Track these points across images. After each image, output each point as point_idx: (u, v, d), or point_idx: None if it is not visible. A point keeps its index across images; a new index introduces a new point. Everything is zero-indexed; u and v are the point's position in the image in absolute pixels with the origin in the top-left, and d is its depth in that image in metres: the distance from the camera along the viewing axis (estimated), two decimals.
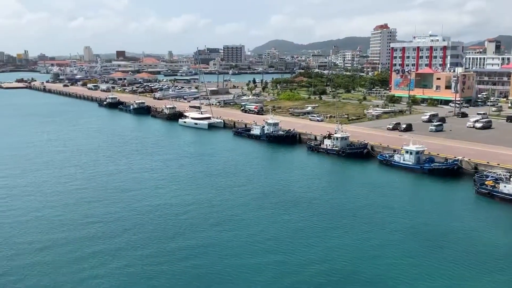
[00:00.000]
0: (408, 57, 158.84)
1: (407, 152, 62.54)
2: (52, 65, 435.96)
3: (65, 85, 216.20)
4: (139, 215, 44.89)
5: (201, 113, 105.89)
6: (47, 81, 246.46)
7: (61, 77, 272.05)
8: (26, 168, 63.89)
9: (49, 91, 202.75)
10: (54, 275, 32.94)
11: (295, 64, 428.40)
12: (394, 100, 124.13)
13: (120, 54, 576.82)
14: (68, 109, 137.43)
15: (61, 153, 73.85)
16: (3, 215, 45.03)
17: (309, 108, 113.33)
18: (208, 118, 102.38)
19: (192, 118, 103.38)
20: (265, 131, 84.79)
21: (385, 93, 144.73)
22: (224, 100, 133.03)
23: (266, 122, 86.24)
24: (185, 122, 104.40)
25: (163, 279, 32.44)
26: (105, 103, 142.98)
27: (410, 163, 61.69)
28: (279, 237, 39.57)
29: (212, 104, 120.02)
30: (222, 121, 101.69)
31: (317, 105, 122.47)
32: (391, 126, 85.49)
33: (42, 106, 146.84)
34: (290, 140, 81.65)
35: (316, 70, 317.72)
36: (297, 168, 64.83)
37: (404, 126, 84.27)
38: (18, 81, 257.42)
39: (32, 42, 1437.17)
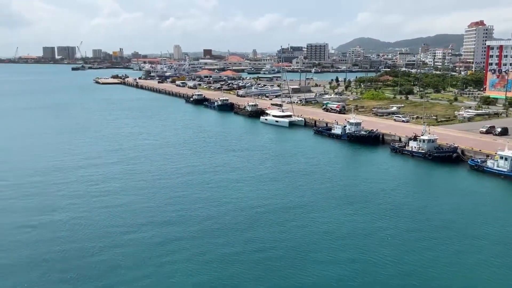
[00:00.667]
0: (506, 56, 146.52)
1: (501, 157, 58.10)
2: (144, 62, 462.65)
3: (159, 82, 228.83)
4: (219, 207, 46.33)
5: (283, 111, 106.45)
6: (139, 78, 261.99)
7: (152, 74, 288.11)
8: (121, 158, 68.40)
9: (141, 87, 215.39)
10: (144, 257, 35.11)
11: (381, 63, 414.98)
12: (488, 101, 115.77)
13: (207, 53, 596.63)
14: (158, 105, 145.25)
15: (151, 146, 78.06)
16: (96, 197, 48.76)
17: (394, 108, 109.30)
18: (289, 116, 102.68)
19: (273, 116, 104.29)
20: (347, 131, 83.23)
21: (479, 94, 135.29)
22: (305, 99, 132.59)
23: (348, 121, 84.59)
24: (266, 119, 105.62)
25: (239, 267, 33.37)
26: (191, 99, 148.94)
27: (505, 170, 57.22)
28: (362, 244, 38.63)
29: (294, 102, 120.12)
30: (303, 119, 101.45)
31: (402, 105, 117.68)
32: (484, 130, 79.89)
33: (135, 101, 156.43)
34: (373, 140, 79.39)
35: (403, 68, 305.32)
36: (380, 170, 62.85)
37: (499, 129, 78.29)
38: (113, 77, 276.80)
39: (127, 41, 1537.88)
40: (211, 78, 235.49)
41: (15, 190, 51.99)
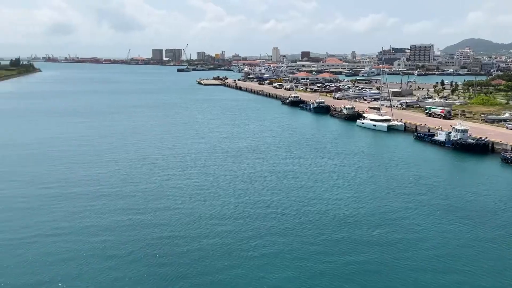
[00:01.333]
0: None
1: None
2: (244, 64, 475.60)
3: (260, 83, 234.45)
4: (309, 208, 46.00)
5: (381, 115, 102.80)
6: (239, 79, 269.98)
7: (250, 76, 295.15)
8: (219, 156, 70.99)
9: (240, 89, 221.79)
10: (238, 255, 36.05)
11: (493, 65, 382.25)
12: None
13: (305, 55, 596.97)
14: (255, 106, 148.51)
15: (248, 146, 79.86)
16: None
17: (507, 115, 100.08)
18: (388, 120, 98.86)
19: (371, 120, 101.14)
20: (452, 138, 77.96)
21: None
22: (406, 102, 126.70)
23: (454, 128, 79.15)
24: (363, 123, 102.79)
25: (337, 273, 32.80)
26: (287, 101, 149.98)
27: None
28: (469, 260, 36.00)
29: (393, 106, 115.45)
30: (403, 124, 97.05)
31: None
32: None
33: (234, 102, 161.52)
34: (481, 149, 73.47)
35: None
36: (488, 181, 57.91)
37: None
38: (214, 78, 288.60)
39: (228, 43, 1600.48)
40: (308, 80, 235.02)
41: (122, 179, 56.29)
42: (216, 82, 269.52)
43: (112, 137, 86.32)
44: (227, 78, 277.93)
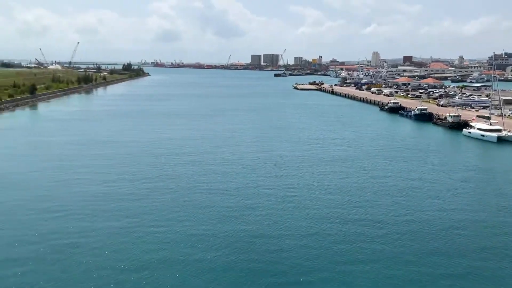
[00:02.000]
0: None
1: None
2: (341, 69, 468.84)
3: (357, 89, 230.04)
4: (408, 219, 43.84)
5: (490, 124, 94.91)
6: (335, 84, 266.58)
7: (348, 81, 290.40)
8: (314, 162, 70.66)
9: (336, 94, 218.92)
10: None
11: None
12: None
13: (407, 59, 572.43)
14: (351, 111, 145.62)
15: (345, 153, 78.26)
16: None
17: None
18: (498, 130, 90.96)
19: (479, 129, 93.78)
20: None
21: None
22: None
23: None
24: (470, 132, 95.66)
25: None
26: (386, 107, 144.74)
27: None
28: None
29: (505, 115, 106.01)
30: None
31: None
32: None
33: (329, 107, 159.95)
34: None
35: None
36: None
37: None
38: (310, 83, 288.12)
39: (326, 48, 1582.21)
40: (409, 86, 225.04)
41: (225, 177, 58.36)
42: (312, 87, 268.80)
43: (211, 139, 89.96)
44: (323, 83, 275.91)
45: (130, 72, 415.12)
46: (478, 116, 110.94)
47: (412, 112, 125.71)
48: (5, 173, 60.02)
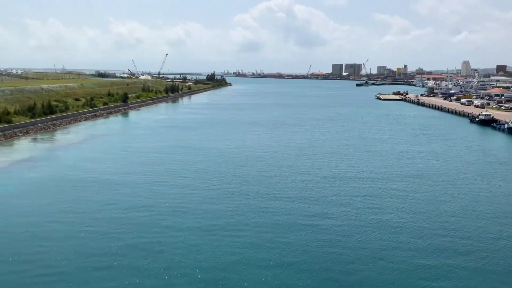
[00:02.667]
0: None
1: None
2: (428, 79, 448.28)
3: (445, 99, 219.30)
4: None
5: None
6: (421, 95, 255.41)
7: (435, 91, 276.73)
8: (399, 177, 68.22)
9: (422, 104, 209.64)
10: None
11: None
12: None
13: (501, 69, 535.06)
14: (438, 123, 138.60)
15: (433, 168, 74.60)
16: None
17: None
18: None
19: None
20: None
21: None
22: None
23: None
24: None
25: None
26: (477, 119, 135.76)
27: None
28: None
29: None
30: None
31: None
32: None
33: (414, 118, 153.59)
34: None
35: None
36: None
37: None
38: (394, 93, 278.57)
39: (412, 57, 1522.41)
40: (503, 97, 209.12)
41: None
42: (396, 97, 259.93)
43: (291, 148, 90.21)
44: (408, 93, 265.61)
45: (213, 82, 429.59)
46: None
47: (506, 125, 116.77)
48: (99, 175, 64.77)
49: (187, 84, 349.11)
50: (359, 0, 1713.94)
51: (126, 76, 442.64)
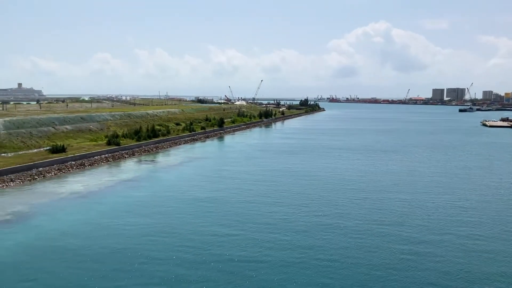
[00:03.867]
0: None
1: None
2: None
3: None
4: None
5: None
6: None
7: None
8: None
9: None
10: None
11: None
12: None
13: None
14: None
15: None
16: None
17: None
18: None
19: None
20: None
21: None
22: None
23: None
24: None
25: None
26: None
27: None
28: None
29: None
30: None
31: None
32: None
33: None
34: None
35: None
36: None
37: None
38: (502, 120, 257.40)
39: None
40: None
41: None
42: (505, 124, 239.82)
43: (388, 176, 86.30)
44: None
45: (306, 107, 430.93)
46: None
47: None
48: (195, 195, 67.05)
49: (281, 109, 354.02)
50: (462, 23, 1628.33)
51: (222, 101, 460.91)
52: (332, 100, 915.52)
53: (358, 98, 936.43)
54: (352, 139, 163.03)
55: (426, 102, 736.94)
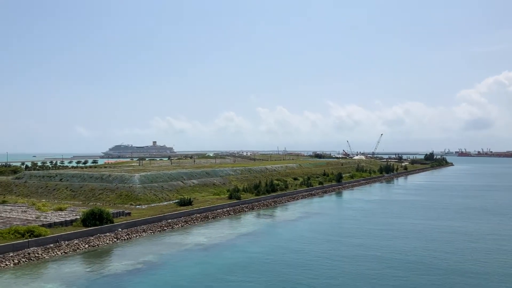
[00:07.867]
0: None
1: None
2: None
3: None
4: None
5: None
6: None
7: None
8: None
9: None
10: None
11: None
12: None
13: None
14: None
15: None
16: None
17: None
18: None
19: None
20: None
21: None
22: None
23: None
24: None
25: None
26: None
27: None
28: None
29: None
30: None
31: None
32: None
33: None
34: None
35: None
36: None
37: None
38: None
39: None
40: None
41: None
42: None
43: None
44: None
45: (432, 161, 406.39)
46: None
47: None
48: (309, 255, 66.05)
49: (403, 164, 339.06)
50: None
51: (340, 156, 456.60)
52: (461, 154, 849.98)
53: (491, 151, 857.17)
54: (487, 198, 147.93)
55: None
